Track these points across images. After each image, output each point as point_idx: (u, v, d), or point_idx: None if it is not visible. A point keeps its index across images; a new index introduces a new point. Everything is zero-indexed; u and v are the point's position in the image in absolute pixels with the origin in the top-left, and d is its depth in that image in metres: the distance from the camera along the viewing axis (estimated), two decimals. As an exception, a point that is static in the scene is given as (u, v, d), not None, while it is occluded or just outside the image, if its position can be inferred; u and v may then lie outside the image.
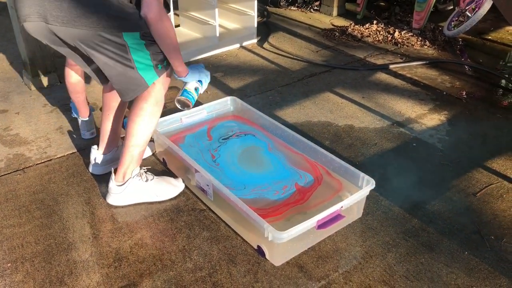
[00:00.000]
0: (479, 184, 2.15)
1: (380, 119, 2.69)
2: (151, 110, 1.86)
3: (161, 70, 1.84)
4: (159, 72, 1.83)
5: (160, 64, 1.82)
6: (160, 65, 1.82)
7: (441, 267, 1.71)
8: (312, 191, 1.98)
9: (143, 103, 1.85)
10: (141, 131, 1.87)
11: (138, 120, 1.86)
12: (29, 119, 2.64)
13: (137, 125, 1.87)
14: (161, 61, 1.81)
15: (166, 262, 1.72)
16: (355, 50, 3.67)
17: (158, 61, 1.81)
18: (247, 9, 3.77)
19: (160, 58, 1.81)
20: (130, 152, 1.90)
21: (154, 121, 1.90)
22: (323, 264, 1.72)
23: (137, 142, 1.89)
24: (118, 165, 1.93)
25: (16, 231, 1.85)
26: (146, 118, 1.86)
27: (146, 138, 1.91)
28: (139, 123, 1.87)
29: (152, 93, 1.85)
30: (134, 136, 1.88)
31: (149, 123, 1.88)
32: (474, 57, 3.58)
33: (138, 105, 1.86)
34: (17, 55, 3.21)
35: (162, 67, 1.83)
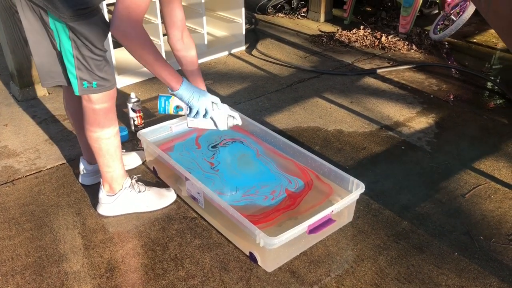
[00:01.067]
0: (467, 185, 2.17)
1: (368, 123, 2.71)
2: (101, 139, 1.80)
3: (87, 90, 1.68)
4: (84, 90, 1.68)
5: (86, 82, 1.66)
6: (86, 82, 1.66)
7: (431, 268, 1.72)
8: (302, 196, 1.99)
9: (90, 133, 1.80)
10: (103, 159, 1.85)
11: (95, 150, 1.84)
12: (18, 130, 2.63)
13: (97, 155, 1.85)
14: (88, 80, 1.66)
15: (158, 271, 1.71)
16: (343, 55, 3.70)
17: (84, 77, 1.65)
18: (235, 16, 3.80)
19: (90, 74, 1.65)
20: (106, 173, 1.89)
21: (111, 146, 1.83)
22: (315, 268, 1.73)
23: (107, 169, 1.88)
24: (102, 178, 1.93)
25: (6, 244, 1.84)
26: (101, 149, 1.82)
27: (113, 162, 1.87)
28: (97, 153, 1.84)
29: (92, 121, 1.77)
30: (100, 163, 1.87)
31: (107, 151, 1.83)
32: (460, 60, 3.63)
33: (87, 135, 1.81)
34: (4, 67, 3.19)
35: (90, 87, 1.67)
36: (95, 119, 1.77)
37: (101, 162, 1.87)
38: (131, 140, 2.53)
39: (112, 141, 1.83)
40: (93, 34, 1.61)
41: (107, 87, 1.72)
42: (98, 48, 1.65)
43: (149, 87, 3.16)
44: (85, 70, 1.65)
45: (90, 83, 1.67)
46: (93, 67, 1.66)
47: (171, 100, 1.85)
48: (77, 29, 1.57)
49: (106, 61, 1.71)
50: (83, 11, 1.56)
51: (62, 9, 1.52)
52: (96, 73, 1.67)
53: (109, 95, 1.75)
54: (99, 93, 1.71)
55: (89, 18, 1.58)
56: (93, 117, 1.77)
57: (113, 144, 1.84)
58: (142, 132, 2.26)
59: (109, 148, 1.83)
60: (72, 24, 1.55)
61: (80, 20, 1.56)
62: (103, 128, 1.79)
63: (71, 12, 1.53)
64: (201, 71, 2.13)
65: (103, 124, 1.78)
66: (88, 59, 1.64)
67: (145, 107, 2.85)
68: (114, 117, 1.82)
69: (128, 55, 1.66)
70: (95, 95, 1.71)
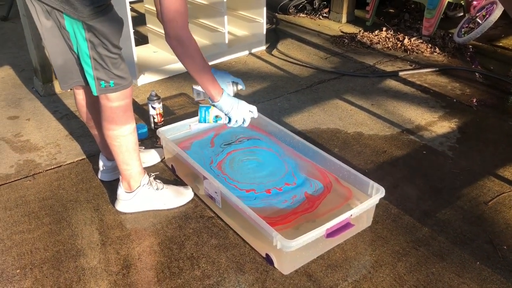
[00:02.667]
0: (490, 192, 2.12)
1: (389, 127, 2.67)
2: (118, 136, 1.81)
3: (105, 89, 1.69)
4: (101, 89, 1.69)
5: (104, 81, 1.68)
6: (103, 82, 1.68)
7: (452, 277, 1.68)
8: (321, 199, 1.96)
9: (107, 131, 1.81)
10: (121, 157, 1.86)
11: (112, 148, 1.85)
12: (40, 125, 2.66)
13: (115, 153, 1.86)
14: (106, 79, 1.67)
15: (174, 269, 1.71)
16: (364, 57, 3.66)
17: (101, 77, 1.67)
18: (256, 16, 3.78)
19: (107, 74, 1.66)
20: (125, 171, 1.90)
21: (129, 143, 1.84)
22: (332, 273, 1.70)
23: (125, 166, 1.89)
24: (121, 176, 1.94)
25: (26, 237, 1.86)
26: (118, 146, 1.83)
27: (130, 159, 1.88)
28: (115, 151, 1.85)
29: (110, 119, 1.78)
30: (118, 160, 1.88)
31: (125, 149, 1.84)
32: (485, 64, 3.55)
33: (105, 133, 1.83)
34: (29, 62, 3.24)
35: (107, 86, 1.69)
36: (113, 118, 1.78)
37: (119, 159, 1.87)
38: (150, 138, 2.54)
39: (129, 138, 1.84)
40: (110, 31, 1.62)
41: (124, 85, 1.73)
42: (115, 45, 1.66)
43: (170, 85, 3.17)
44: (102, 70, 1.66)
45: (107, 82, 1.68)
46: (110, 66, 1.67)
47: (210, 110, 1.87)
48: (95, 27, 1.57)
49: (122, 59, 1.71)
50: (99, 8, 1.57)
51: (80, 8, 1.53)
52: (113, 71, 1.68)
53: (126, 93, 1.76)
54: (116, 92, 1.72)
55: (105, 14, 1.60)
56: (110, 115, 1.78)
57: (130, 142, 1.85)
58: (161, 130, 2.27)
59: (126, 145, 1.84)
60: (91, 22, 1.56)
61: (97, 17, 1.57)
62: (121, 125, 1.80)
63: (89, 10, 1.54)
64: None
65: (120, 121, 1.79)
66: (105, 58, 1.65)
67: (165, 105, 2.85)
68: (131, 114, 1.83)
69: (149, 52, 1.66)
70: (112, 94, 1.72)
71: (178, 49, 1.59)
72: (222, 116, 1.86)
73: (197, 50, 1.63)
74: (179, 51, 1.60)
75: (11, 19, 4.43)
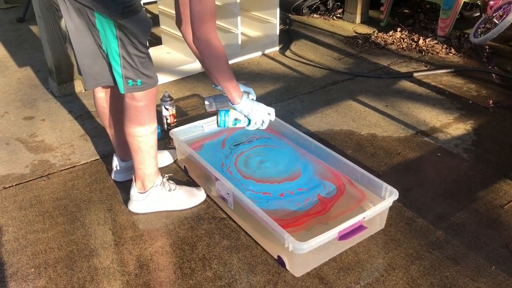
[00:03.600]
0: (506, 196, 2.09)
1: (404, 128, 2.64)
2: (140, 135, 1.82)
3: (132, 88, 1.71)
4: (129, 88, 1.71)
5: (131, 80, 1.69)
6: (131, 81, 1.70)
7: (467, 281, 1.66)
8: (334, 202, 1.95)
9: (129, 129, 1.82)
10: (139, 156, 1.87)
11: (132, 146, 1.86)
12: (54, 125, 2.69)
13: (133, 151, 1.87)
14: (133, 78, 1.69)
15: (186, 270, 1.72)
16: (379, 58, 3.63)
17: (129, 75, 1.68)
18: (269, 17, 3.78)
19: (135, 72, 1.68)
20: (140, 170, 1.91)
21: (149, 143, 1.86)
22: (344, 275, 1.69)
23: (141, 166, 1.90)
24: (135, 175, 1.95)
25: (40, 236, 1.88)
26: (138, 145, 1.84)
27: (148, 159, 1.89)
28: (134, 149, 1.86)
29: (134, 118, 1.79)
30: (135, 159, 1.89)
31: (144, 148, 1.85)
32: (502, 65, 3.50)
33: (127, 131, 1.84)
34: (44, 63, 3.28)
35: (134, 85, 1.70)
36: (137, 117, 1.79)
37: (136, 158, 1.89)
38: (163, 139, 2.55)
39: (149, 138, 1.86)
40: (140, 30, 1.65)
41: (151, 84, 1.75)
42: (143, 44, 1.68)
43: (183, 86, 3.18)
44: (131, 68, 1.68)
45: (135, 81, 1.70)
46: (138, 65, 1.69)
47: (230, 113, 1.86)
48: (126, 26, 1.60)
49: (149, 58, 1.74)
50: (131, 7, 1.59)
51: (113, 7, 1.55)
52: (141, 70, 1.70)
53: (152, 93, 1.78)
54: (143, 90, 1.74)
55: (136, 14, 1.62)
56: (135, 114, 1.79)
57: (150, 141, 1.87)
58: (174, 131, 2.28)
59: (146, 145, 1.86)
60: (122, 21, 1.58)
61: (129, 16, 1.59)
62: (143, 125, 1.82)
63: (121, 9, 1.56)
64: (234, 72, 2.13)
65: (143, 121, 1.81)
66: (133, 57, 1.67)
67: (178, 106, 2.87)
68: (154, 114, 1.85)
69: (163, 53, 1.68)
70: (138, 93, 1.74)
71: (206, 51, 1.64)
72: (241, 118, 1.86)
73: (223, 52, 1.67)
74: (206, 53, 1.65)
75: (27, 21, 4.49)
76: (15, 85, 3.21)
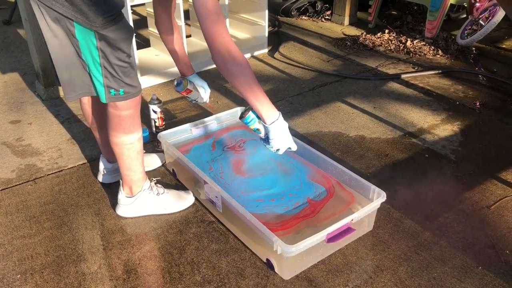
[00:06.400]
0: (493, 196, 2.11)
1: (392, 130, 2.66)
2: (125, 144, 1.81)
3: (114, 97, 1.67)
4: (111, 97, 1.67)
5: (113, 90, 1.66)
6: (113, 90, 1.66)
7: (454, 282, 1.67)
8: (323, 204, 1.95)
9: (114, 138, 1.80)
10: (125, 164, 1.86)
11: (117, 155, 1.84)
12: (41, 129, 2.67)
13: (119, 159, 1.85)
14: (116, 87, 1.66)
15: (174, 274, 1.71)
16: (367, 60, 3.65)
17: (111, 85, 1.65)
18: (258, 19, 3.78)
19: (117, 82, 1.65)
20: (127, 176, 1.90)
21: (134, 151, 1.84)
22: (333, 278, 1.69)
23: (127, 172, 1.89)
24: (122, 181, 1.94)
25: (26, 242, 1.86)
26: (124, 153, 1.83)
27: (134, 166, 1.88)
28: (119, 157, 1.85)
29: (118, 127, 1.77)
30: (121, 166, 1.88)
31: (129, 156, 1.84)
32: (488, 66, 3.54)
33: (111, 140, 1.82)
34: (31, 66, 3.26)
35: (117, 94, 1.67)
36: (120, 125, 1.77)
37: (123, 166, 1.87)
38: (151, 141, 2.54)
39: (135, 146, 1.84)
40: (121, 39, 1.60)
41: (134, 93, 1.72)
42: (126, 53, 1.64)
43: (171, 88, 3.17)
44: (112, 78, 1.64)
45: (117, 90, 1.67)
46: (121, 74, 1.65)
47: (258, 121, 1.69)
48: (107, 36, 1.56)
49: (132, 67, 1.70)
50: (112, 17, 1.55)
51: (93, 17, 1.51)
52: (124, 80, 1.66)
53: (135, 102, 1.75)
54: (126, 100, 1.71)
55: (117, 23, 1.58)
56: (118, 123, 1.77)
57: (135, 149, 1.85)
58: (162, 134, 2.27)
59: (131, 153, 1.84)
60: (103, 31, 1.54)
61: (110, 26, 1.55)
62: (128, 133, 1.79)
63: (102, 20, 1.52)
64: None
65: (128, 130, 1.79)
66: (115, 67, 1.63)
67: (166, 109, 2.85)
68: (138, 122, 1.83)
69: (151, 55, 1.66)
70: (121, 102, 1.71)
71: (229, 64, 1.49)
72: (262, 132, 1.69)
73: (247, 64, 1.53)
74: (230, 68, 1.50)
75: (13, 23, 4.45)
76: (2, 88, 3.17)
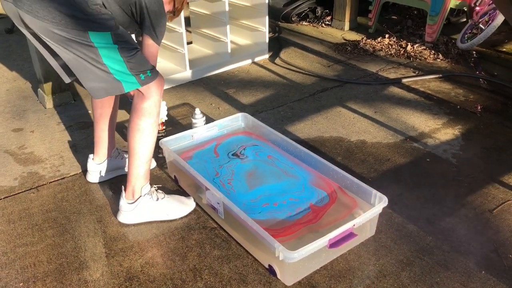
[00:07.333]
0: (495, 200, 2.10)
1: (393, 134, 2.66)
2: (147, 127, 1.85)
3: (145, 80, 1.77)
4: (142, 81, 1.77)
5: (142, 74, 1.76)
6: (142, 75, 1.76)
7: (457, 286, 1.67)
8: (325, 210, 1.95)
9: (137, 119, 1.84)
10: (142, 150, 1.88)
11: (137, 139, 1.86)
12: (44, 137, 2.68)
13: (138, 144, 1.87)
14: (143, 71, 1.76)
15: (176, 281, 1.71)
16: (367, 64, 3.66)
17: (139, 71, 1.75)
18: (259, 25, 3.80)
19: (143, 68, 1.75)
20: (136, 170, 1.91)
21: (153, 136, 1.89)
22: (335, 283, 1.69)
23: (141, 161, 1.90)
24: (126, 183, 1.94)
25: (29, 250, 1.86)
26: (144, 136, 1.86)
27: (149, 155, 1.91)
28: (139, 141, 1.87)
29: (144, 107, 1.82)
30: (137, 155, 1.89)
31: (148, 140, 1.88)
32: (489, 69, 3.54)
33: (133, 122, 1.85)
34: (33, 74, 3.27)
35: (146, 77, 1.77)
36: (150, 107, 1.83)
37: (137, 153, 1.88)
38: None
39: (156, 129, 1.89)
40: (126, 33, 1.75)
41: (157, 72, 1.82)
42: (133, 43, 1.75)
43: (173, 95, 3.18)
44: (136, 65, 1.73)
45: (145, 73, 1.76)
46: (139, 60, 1.75)
47: None
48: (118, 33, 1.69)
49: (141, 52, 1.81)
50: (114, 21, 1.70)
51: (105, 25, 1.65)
52: (143, 64, 1.76)
53: (162, 81, 1.86)
54: (155, 79, 1.80)
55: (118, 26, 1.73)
56: (149, 106, 1.82)
57: (155, 132, 1.90)
58: (164, 141, 2.27)
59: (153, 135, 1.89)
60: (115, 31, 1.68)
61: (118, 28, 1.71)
62: (156, 115, 1.86)
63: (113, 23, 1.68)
64: (224, 80, 2.15)
65: (155, 112, 1.85)
66: (133, 56, 1.73)
67: (168, 115, 2.85)
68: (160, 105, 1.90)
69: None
70: (152, 83, 1.79)
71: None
72: None
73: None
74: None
75: (16, 32, 4.48)
76: (4, 96, 3.19)
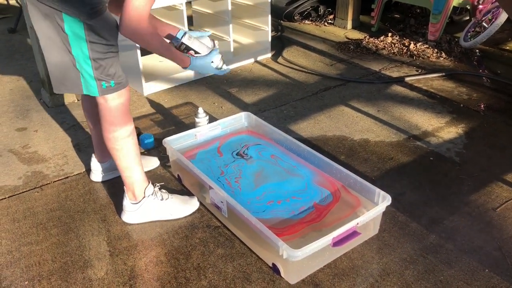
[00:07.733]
0: (499, 199, 2.10)
1: (396, 133, 2.66)
2: (119, 138, 1.82)
3: (106, 90, 1.72)
4: (103, 90, 1.71)
5: (104, 82, 1.70)
6: (104, 83, 1.70)
7: (461, 285, 1.67)
8: (329, 209, 1.96)
9: (108, 134, 1.81)
10: (123, 163, 1.87)
11: (114, 153, 1.86)
12: (47, 136, 2.69)
13: (117, 159, 1.87)
14: (106, 79, 1.70)
15: (181, 280, 1.71)
16: (370, 63, 3.66)
17: (102, 77, 1.69)
18: (261, 24, 3.80)
19: (107, 73, 1.70)
20: (127, 180, 1.91)
21: (129, 146, 1.85)
22: (339, 282, 1.69)
23: (127, 173, 1.89)
24: (125, 186, 1.95)
25: (34, 248, 1.87)
26: (119, 150, 1.84)
27: (132, 163, 1.88)
28: (116, 156, 1.86)
29: (106, 121, 1.79)
30: (120, 167, 1.89)
31: (126, 152, 1.85)
32: (492, 68, 3.53)
33: (105, 136, 1.83)
34: (36, 73, 3.28)
35: (108, 87, 1.71)
36: (115, 118, 1.79)
37: (121, 165, 1.88)
38: (156, 147, 2.55)
39: (130, 140, 1.85)
40: (108, 29, 1.66)
41: (123, 84, 1.77)
42: (113, 44, 1.70)
43: (176, 94, 3.19)
44: (102, 70, 1.69)
45: (108, 82, 1.71)
46: (109, 66, 1.70)
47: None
48: (94, 26, 1.61)
49: (118, 57, 1.76)
50: (97, 8, 1.61)
51: (81, 7, 1.57)
52: (113, 71, 1.72)
53: (124, 92, 1.79)
54: (117, 91, 1.74)
55: (102, 13, 1.65)
56: (109, 116, 1.79)
57: (131, 144, 1.86)
58: (167, 140, 2.28)
59: (127, 148, 1.85)
60: (91, 22, 1.60)
61: (96, 16, 1.61)
62: (122, 126, 1.81)
63: (89, 9, 1.59)
64: (227, 79, 2.15)
65: (119, 122, 1.80)
66: (104, 59, 1.68)
67: (171, 114, 2.87)
68: (129, 114, 1.85)
69: (155, 62, 1.69)
70: (113, 94, 1.74)
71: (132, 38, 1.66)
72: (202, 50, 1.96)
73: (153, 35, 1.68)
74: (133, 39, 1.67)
75: (19, 31, 4.49)
76: (8, 96, 3.20)
